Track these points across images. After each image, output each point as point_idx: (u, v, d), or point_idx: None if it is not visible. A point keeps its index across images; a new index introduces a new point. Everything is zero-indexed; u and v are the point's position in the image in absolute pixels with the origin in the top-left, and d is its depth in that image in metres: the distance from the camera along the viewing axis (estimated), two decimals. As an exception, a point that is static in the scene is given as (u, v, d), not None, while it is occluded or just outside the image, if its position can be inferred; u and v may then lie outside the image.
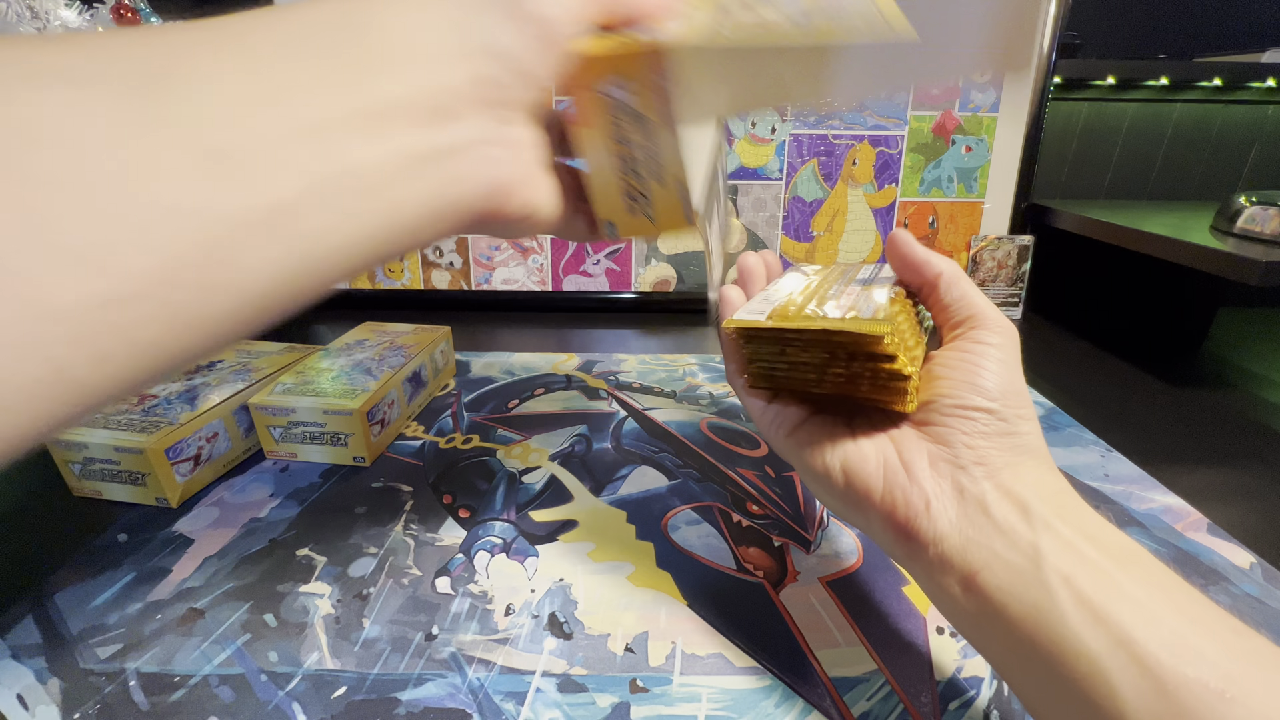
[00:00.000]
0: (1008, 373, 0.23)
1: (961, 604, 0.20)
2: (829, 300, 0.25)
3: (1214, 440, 0.46)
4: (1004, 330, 0.24)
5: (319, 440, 0.40)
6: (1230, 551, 0.33)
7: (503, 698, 0.25)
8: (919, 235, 0.72)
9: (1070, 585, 0.18)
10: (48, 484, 0.38)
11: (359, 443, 0.40)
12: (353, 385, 0.41)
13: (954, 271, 0.25)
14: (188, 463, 0.37)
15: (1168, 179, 0.83)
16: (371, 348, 0.47)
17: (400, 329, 0.52)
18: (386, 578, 0.31)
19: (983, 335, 0.23)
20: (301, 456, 0.41)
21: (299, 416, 0.39)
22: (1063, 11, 0.66)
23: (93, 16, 0.55)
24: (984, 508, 0.20)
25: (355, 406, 0.39)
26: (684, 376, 0.54)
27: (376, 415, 0.41)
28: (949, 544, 0.21)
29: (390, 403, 0.42)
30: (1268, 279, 0.47)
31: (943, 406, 0.22)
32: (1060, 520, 0.20)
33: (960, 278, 0.25)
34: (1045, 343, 0.65)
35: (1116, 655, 0.17)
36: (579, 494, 0.38)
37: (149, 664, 0.26)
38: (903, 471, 0.22)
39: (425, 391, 0.49)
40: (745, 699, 0.25)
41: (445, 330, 0.52)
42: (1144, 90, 0.78)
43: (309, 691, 0.25)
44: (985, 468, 0.21)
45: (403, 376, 0.44)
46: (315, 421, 0.39)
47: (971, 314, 0.24)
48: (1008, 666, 0.20)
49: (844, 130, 0.69)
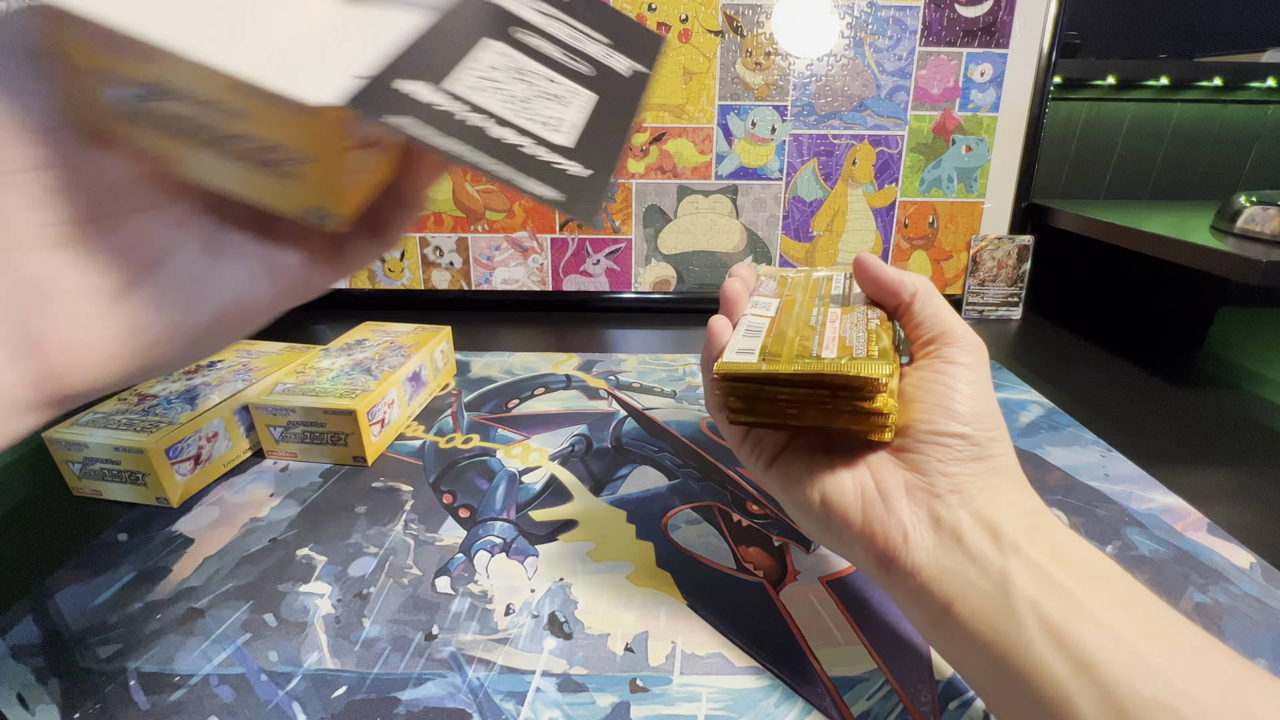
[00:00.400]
0: (980, 393, 0.23)
1: (938, 630, 0.21)
2: (814, 331, 0.25)
3: (1214, 440, 0.46)
4: (975, 348, 0.24)
5: (319, 440, 0.40)
6: (1230, 551, 0.33)
7: (503, 697, 0.25)
8: (919, 235, 0.72)
9: (1036, 610, 0.19)
10: (48, 484, 0.38)
11: (359, 443, 0.40)
12: (353, 385, 0.41)
13: (927, 289, 0.26)
14: (188, 462, 0.37)
15: (1168, 179, 0.83)
16: (371, 347, 0.47)
17: (400, 329, 0.52)
18: (386, 577, 0.31)
19: (954, 354, 0.24)
20: (301, 457, 0.41)
21: (299, 416, 0.39)
22: (1063, 11, 0.66)
23: (93, 16, 0.55)
24: (958, 537, 0.21)
25: (355, 406, 0.39)
26: (684, 376, 0.54)
27: (376, 415, 0.41)
28: (927, 574, 0.21)
29: (390, 402, 0.42)
30: (1268, 279, 0.47)
31: (918, 433, 0.23)
32: (1030, 543, 0.20)
33: (933, 295, 0.26)
34: (1045, 343, 0.65)
35: (1079, 680, 0.17)
36: (579, 494, 0.38)
37: (149, 664, 0.26)
38: (880, 503, 0.23)
39: (425, 391, 0.49)
40: (745, 699, 0.25)
41: (445, 330, 0.52)
42: (1144, 90, 0.78)
43: (309, 691, 0.25)
44: (960, 495, 0.22)
45: (403, 376, 0.44)
46: (315, 421, 0.39)
47: (943, 331, 0.25)
48: (984, 689, 0.21)
49: (844, 130, 0.69)
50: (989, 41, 0.67)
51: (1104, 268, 0.74)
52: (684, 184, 0.70)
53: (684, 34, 0.66)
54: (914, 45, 0.67)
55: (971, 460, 0.22)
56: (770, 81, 0.68)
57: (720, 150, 0.69)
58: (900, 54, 0.67)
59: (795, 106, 0.68)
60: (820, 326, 0.25)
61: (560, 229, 0.72)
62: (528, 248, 0.72)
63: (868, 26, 0.66)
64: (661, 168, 0.70)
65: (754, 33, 0.66)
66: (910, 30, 0.66)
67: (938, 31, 0.66)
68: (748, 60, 0.67)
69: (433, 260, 0.73)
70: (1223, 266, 0.50)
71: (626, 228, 0.72)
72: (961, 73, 0.68)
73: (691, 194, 0.71)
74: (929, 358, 0.24)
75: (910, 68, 0.67)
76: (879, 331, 0.24)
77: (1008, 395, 0.51)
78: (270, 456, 0.41)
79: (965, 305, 0.73)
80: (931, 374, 0.24)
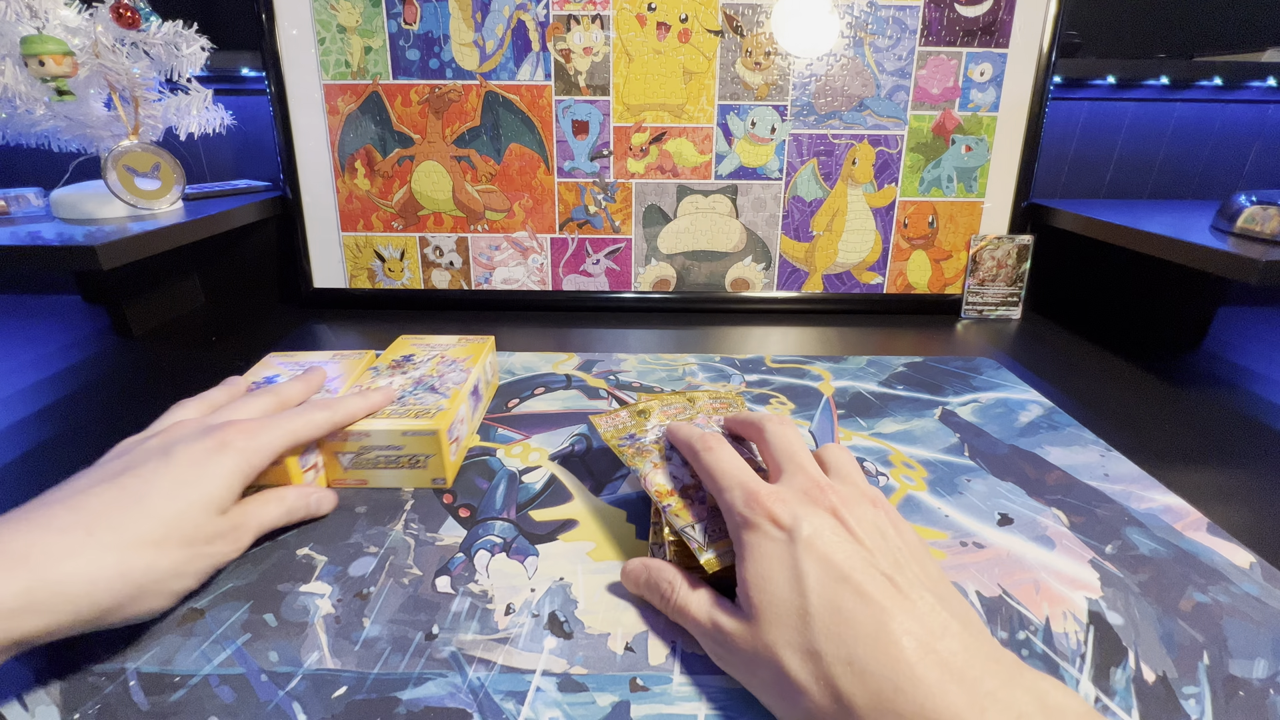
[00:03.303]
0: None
1: None
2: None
3: (1214, 440, 0.46)
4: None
5: (394, 464, 0.37)
6: (1230, 551, 0.33)
7: (503, 697, 0.25)
8: (918, 235, 0.72)
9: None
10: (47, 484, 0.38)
11: (439, 464, 0.37)
12: (423, 405, 0.39)
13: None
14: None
15: (1168, 179, 0.83)
16: (424, 363, 0.45)
17: (444, 341, 0.49)
18: (387, 577, 0.31)
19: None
20: (373, 483, 0.38)
21: (373, 441, 0.37)
22: (1062, 11, 0.66)
23: (92, 16, 0.55)
24: None
25: (437, 426, 0.36)
26: (684, 376, 0.54)
27: (453, 434, 0.39)
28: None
29: (460, 419, 0.40)
30: (1267, 279, 0.47)
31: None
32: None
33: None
34: (1045, 342, 0.65)
35: None
36: (579, 493, 0.38)
37: (149, 664, 0.26)
38: None
39: (482, 405, 0.47)
40: (745, 698, 0.25)
41: (490, 340, 0.50)
42: (1144, 90, 0.78)
43: (309, 691, 0.25)
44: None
45: (467, 391, 0.42)
46: (392, 445, 0.37)
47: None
48: None
49: (844, 130, 0.69)
50: (989, 41, 0.67)
51: (1104, 267, 0.74)
52: (684, 184, 0.70)
53: (684, 34, 0.66)
54: (914, 45, 0.67)
55: None
56: (770, 81, 0.68)
57: (720, 150, 0.69)
58: (900, 54, 0.67)
59: (795, 106, 0.68)
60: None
61: (560, 229, 0.72)
62: (528, 248, 0.72)
63: (867, 26, 0.66)
64: (661, 167, 0.70)
65: (754, 32, 0.66)
66: (910, 30, 0.66)
67: (937, 31, 0.66)
68: (747, 60, 0.67)
69: (433, 260, 0.73)
70: (1222, 266, 0.50)
71: (626, 228, 0.72)
72: (961, 72, 0.68)
73: (691, 194, 0.71)
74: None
75: (910, 67, 0.67)
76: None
77: (1007, 395, 0.51)
78: (335, 485, 0.38)
79: (965, 305, 0.73)
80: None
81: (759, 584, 0.23)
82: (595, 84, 0.68)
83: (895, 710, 0.19)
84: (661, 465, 0.33)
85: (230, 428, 0.30)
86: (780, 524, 0.24)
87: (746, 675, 0.24)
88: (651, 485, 0.31)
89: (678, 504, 0.30)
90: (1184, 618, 0.29)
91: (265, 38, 0.66)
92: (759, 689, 0.24)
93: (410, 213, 0.71)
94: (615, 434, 0.36)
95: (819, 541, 0.23)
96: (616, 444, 0.35)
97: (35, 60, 0.51)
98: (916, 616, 0.21)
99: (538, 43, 0.67)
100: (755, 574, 0.24)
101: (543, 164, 0.70)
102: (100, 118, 0.58)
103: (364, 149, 0.69)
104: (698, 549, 0.27)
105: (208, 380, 0.39)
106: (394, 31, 0.66)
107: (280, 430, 0.32)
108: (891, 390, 0.52)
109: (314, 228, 0.72)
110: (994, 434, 0.45)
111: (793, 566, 0.23)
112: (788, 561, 0.23)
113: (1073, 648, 0.27)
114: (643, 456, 0.34)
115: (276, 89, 0.67)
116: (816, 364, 0.57)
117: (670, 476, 0.32)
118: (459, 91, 0.68)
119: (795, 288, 0.74)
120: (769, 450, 0.29)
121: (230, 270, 0.77)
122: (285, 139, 0.69)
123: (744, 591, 0.24)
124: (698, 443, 0.30)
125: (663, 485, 0.31)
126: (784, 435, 0.29)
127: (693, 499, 0.30)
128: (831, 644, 0.21)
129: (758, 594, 0.23)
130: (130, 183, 0.59)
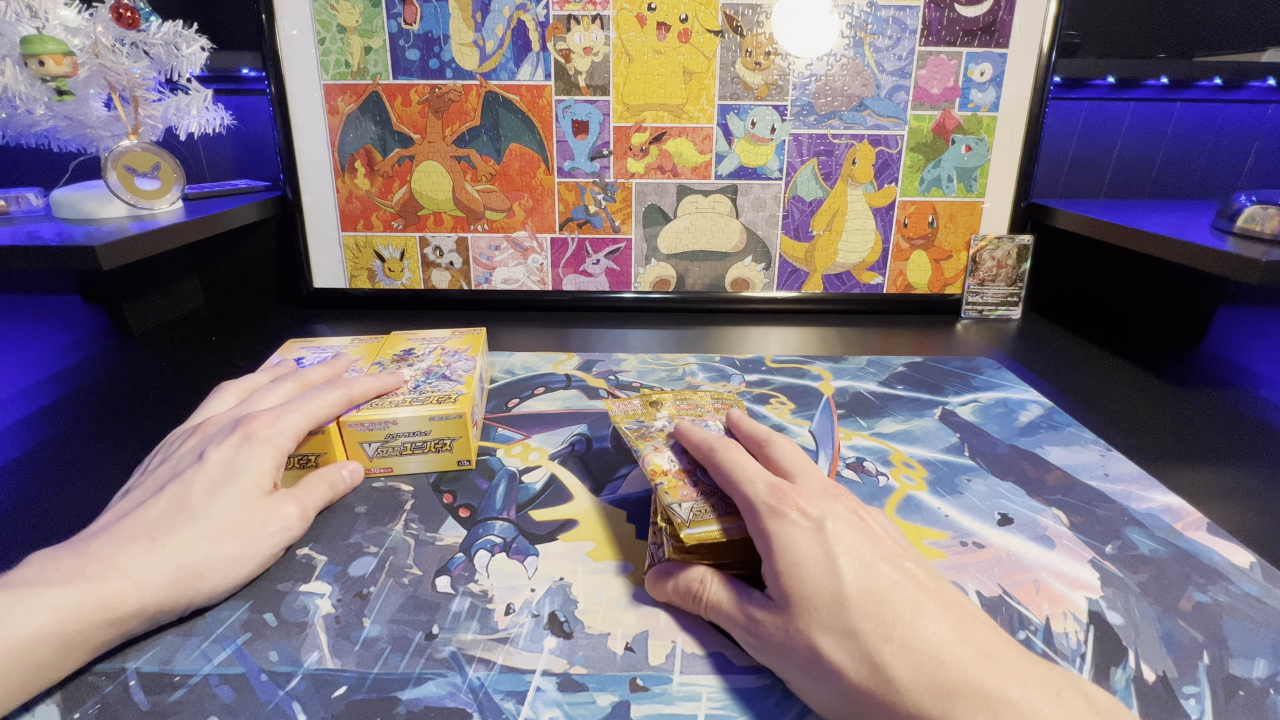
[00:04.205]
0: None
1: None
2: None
3: (1214, 440, 0.46)
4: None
5: (420, 449, 0.39)
6: (1230, 551, 0.33)
7: (503, 697, 0.25)
8: (918, 234, 0.72)
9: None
10: (48, 484, 0.38)
11: (465, 446, 0.39)
12: (441, 391, 0.40)
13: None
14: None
15: (1168, 179, 0.83)
16: (426, 355, 0.45)
17: (439, 334, 0.49)
18: (387, 577, 0.31)
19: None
20: (398, 470, 0.39)
21: (400, 428, 0.38)
22: (1062, 11, 0.66)
23: (92, 16, 0.55)
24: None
25: (462, 410, 0.38)
26: (684, 376, 0.54)
27: (474, 416, 0.40)
28: None
29: (476, 403, 0.42)
30: (1268, 279, 0.47)
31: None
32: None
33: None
34: (1045, 342, 0.65)
35: None
36: (579, 493, 0.38)
37: (149, 664, 0.26)
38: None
39: (485, 392, 0.48)
40: (745, 698, 0.25)
41: (482, 332, 0.50)
42: (1144, 90, 0.78)
43: (309, 691, 0.25)
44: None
45: (477, 376, 0.43)
46: (419, 430, 0.38)
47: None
48: None
49: (844, 130, 0.69)
50: (989, 41, 0.67)
51: (1104, 267, 0.74)
52: (684, 184, 0.70)
53: (684, 34, 0.66)
54: (914, 45, 0.67)
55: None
56: (770, 81, 0.68)
57: (720, 150, 0.69)
58: (900, 53, 0.67)
59: (795, 106, 0.68)
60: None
61: (560, 229, 0.72)
62: (528, 248, 0.72)
63: (867, 26, 0.66)
64: (661, 167, 0.70)
65: (754, 32, 0.66)
66: (910, 30, 0.66)
67: (937, 31, 0.66)
68: (747, 60, 0.67)
69: (433, 260, 0.73)
70: (1222, 266, 0.50)
71: (626, 228, 0.72)
72: (961, 72, 0.68)
73: (691, 194, 0.71)
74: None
75: (910, 67, 0.67)
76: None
77: (1008, 395, 0.51)
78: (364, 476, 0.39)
79: (965, 305, 0.73)
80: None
81: (790, 571, 0.24)
82: (595, 84, 0.68)
83: (939, 682, 0.20)
84: (662, 450, 0.34)
85: (252, 420, 0.32)
86: (808, 515, 0.25)
87: (779, 661, 0.24)
88: (648, 465, 0.32)
89: (669, 483, 0.31)
90: (1184, 617, 0.29)
91: (265, 38, 0.66)
92: (792, 674, 0.24)
93: (410, 213, 0.71)
94: (625, 417, 0.38)
95: (849, 531, 0.24)
96: (624, 426, 0.36)
97: (35, 60, 0.51)
98: (946, 604, 0.22)
99: (538, 43, 0.67)
100: (786, 562, 0.24)
101: (543, 164, 0.70)
102: (100, 118, 0.58)
103: (364, 149, 0.69)
104: (680, 524, 0.28)
105: (207, 380, 0.39)
106: (394, 31, 0.66)
107: (299, 414, 0.34)
108: (891, 390, 0.52)
109: (314, 228, 0.72)
110: (994, 434, 0.45)
111: (825, 553, 0.24)
112: (820, 549, 0.24)
113: (1073, 647, 0.27)
114: (646, 440, 0.35)
115: (276, 89, 0.67)
116: (816, 364, 0.57)
117: (668, 460, 0.33)
118: (459, 91, 0.68)
119: (795, 288, 0.74)
120: (775, 462, 0.30)
121: (230, 270, 0.77)
122: (285, 139, 0.69)
123: (774, 581, 0.24)
124: (715, 441, 0.31)
125: (659, 466, 0.32)
126: (791, 448, 0.30)
127: (685, 482, 0.31)
128: (870, 623, 0.22)
129: (790, 581, 0.24)
130: (130, 183, 0.59)
